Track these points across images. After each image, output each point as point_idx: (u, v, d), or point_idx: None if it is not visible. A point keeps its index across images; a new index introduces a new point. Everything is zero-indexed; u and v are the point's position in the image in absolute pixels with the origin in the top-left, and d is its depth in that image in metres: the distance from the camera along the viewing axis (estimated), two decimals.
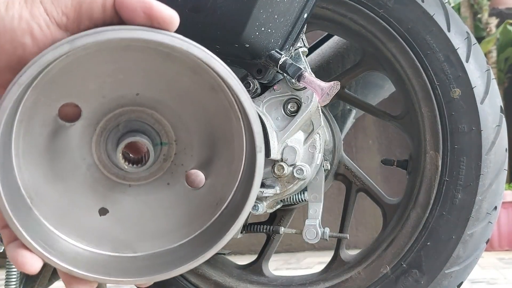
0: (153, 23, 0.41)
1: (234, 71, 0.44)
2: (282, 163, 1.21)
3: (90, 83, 0.46)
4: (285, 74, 1.15)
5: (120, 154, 0.47)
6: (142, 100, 0.48)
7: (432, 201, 1.30)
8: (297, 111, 1.20)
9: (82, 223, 0.49)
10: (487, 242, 1.32)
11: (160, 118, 0.49)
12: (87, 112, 0.48)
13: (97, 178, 0.49)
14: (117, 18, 0.42)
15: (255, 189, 0.47)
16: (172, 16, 0.42)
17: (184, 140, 0.50)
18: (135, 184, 0.50)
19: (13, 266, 1.35)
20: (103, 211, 0.50)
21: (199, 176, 0.51)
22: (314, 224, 1.29)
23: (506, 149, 1.31)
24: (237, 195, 0.52)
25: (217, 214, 0.51)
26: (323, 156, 1.30)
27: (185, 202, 0.51)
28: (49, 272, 1.43)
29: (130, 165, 0.47)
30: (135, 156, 0.50)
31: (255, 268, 1.47)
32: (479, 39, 3.55)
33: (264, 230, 1.42)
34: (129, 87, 0.48)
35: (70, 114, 0.47)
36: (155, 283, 0.48)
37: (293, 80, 1.16)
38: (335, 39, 1.57)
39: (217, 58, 0.44)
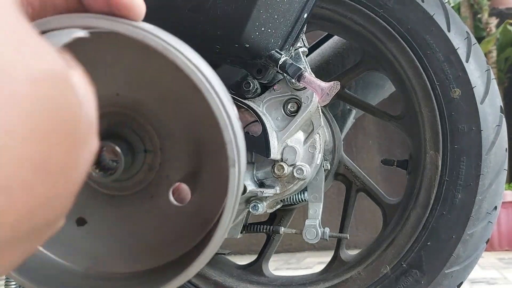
0: (112, 9, 0.38)
1: (234, 71, 0.42)
2: (282, 163, 1.21)
3: None
4: (285, 74, 1.15)
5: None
6: (123, 101, 0.44)
7: (432, 201, 1.30)
8: (297, 111, 1.20)
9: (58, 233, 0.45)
10: (487, 242, 1.32)
11: (144, 122, 0.45)
12: None
13: None
14: (81, 8, 0.39)
15: (227, 214, 0.39)
16: (132, 2, 0.38)
17: (170, 149, 0.46)
18: (119, 195, 0.46)
19: None
20: (80, 221, 0.46)
21: (185, 190, 0.47)
22: (314, 224, 1.29)
23: (506, 149, 1.31)
24: None
25: (202, 236, 0.46)
26: (323, 156, 1.30)
27: (168, 219, 0.47)
28: None
29: (101, 172, 0.43)
30: (110, 163, 0.45)
31: (255, 268, 1.47)
32: (479, 39, 3.55)
33: (264, 230, 1.42)
34: (107, 86, 0.44)
35: None
36: None
37: (293, 80, 1.16)
38: (335, 39, 1.57)
39: (180, 46, 0.39)
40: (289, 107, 1.21)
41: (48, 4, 0.39)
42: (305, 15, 1.13)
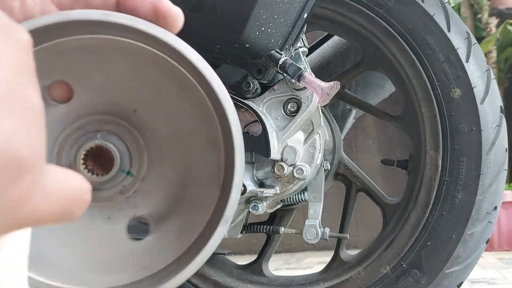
0: (158, 17, 0.39)
1: (234, 71, 0.41)
2: (282, 163, 1.21)
3: (86, 70, 0.42)
4: (285, 74, 1.15)
5: (81, 160, 0.41)
6: (125, 113, 0.43)
7: (432, 201, 1.30)
8: (297, 111, 1.20)
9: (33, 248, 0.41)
10: (487, 242, 1.32)
11: (141, 144, 0.43)
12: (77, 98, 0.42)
13: None
14: (116, 9, 0.39)
15: (198, 260, 0.38)
16: (179, 14, 0.40)
17: (152, 183, 0.43)
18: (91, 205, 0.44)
19: None
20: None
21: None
22: (314, 224, 1.29)
23: (506, 149, 1.31)
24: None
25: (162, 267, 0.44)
26: (323, 156, 1.30)
27: (120, 246, 0.44)
28: None
29: (93, 175, 0.41)
30: (99, 169, 0.43)
31: (255, 268, 1.47)
32: (479, 39, 3.55)
33: (264, 230, 1.42)
34: (118, 94, 0.42)
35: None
36: None
37: (293, 80, 1.16)
38: (335, 39, 1.57)
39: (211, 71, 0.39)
40: (289, 107, 1.21)
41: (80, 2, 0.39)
42: (305, 15, 1.13)
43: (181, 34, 0.42)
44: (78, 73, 0.42)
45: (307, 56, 1.28)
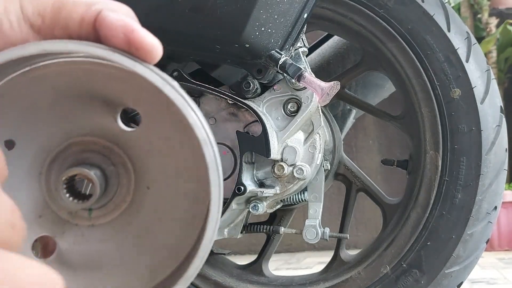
0: (130, 47, 0.37)
1: (234, 71, 0.40)
2: (282, 163, 1.21)
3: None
4: (285, 74, 1.15)
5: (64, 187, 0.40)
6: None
7: (432, 201, 1.30)
8: (297, 111, 1.20)
9: None
10: (487, 242, 1.32)
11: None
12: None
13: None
14: (94, 37, 0.38)
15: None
16: (154, 45, 0.37)
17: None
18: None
19: None
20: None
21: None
22: (314, 224, 1.29)
23: (506, 149, 1.31)
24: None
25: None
26: (323, 156, 1.30)
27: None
28: None
29: (75, 200, 0.41)
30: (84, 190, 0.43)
31: (255, 268, 1.47)
32: (479, 39, 3.55)
33: (264, 230, 1.42)
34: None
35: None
36: None
37: (293, 80, 1.16)
38: (335, 39, 1.57)
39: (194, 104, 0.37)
40: (289, 107, 1.21)
41: (60, 22, 0.38)
42: (305, 15, 1.13)
43: (182, 35, 0.42)
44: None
45: (307, 56, 1.28)
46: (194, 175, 0.41)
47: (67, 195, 0.40)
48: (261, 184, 1.24)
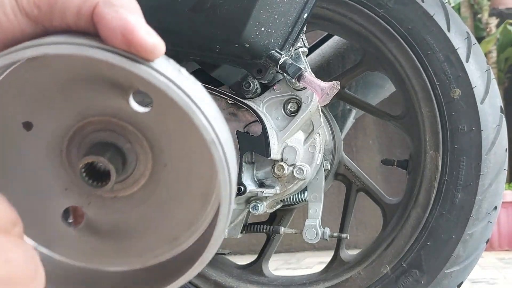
0: (130, 48, 0.36)
1: (234, 71, 0.40)
2: (282, 163, 1.21)
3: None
4: (285, 74, 1.15)
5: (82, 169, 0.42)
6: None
7: (432, 201, 1.30)
8: (297, 111, 1.20)
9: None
10: (487, 242, 1.32)
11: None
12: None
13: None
14: (93, 29, 0.37)
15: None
16: (155, 45, 0.36)
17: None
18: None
19: None
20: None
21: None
22: (314, 224, 1.29)
23: (506, 149, 1.31)
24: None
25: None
26: (323, 156, 1.30)
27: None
28: None
29: (94, 182, 0.42)
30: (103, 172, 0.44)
31: (255, 268, 1.47)
32: (479, 39, 3.55)
33: (264, 230, 1.42)
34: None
35: None
36: None
37: (293, 80, 1.16)
38: (335, 39, 1.57)
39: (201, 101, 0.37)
40: (289, 107, 1.21)
41: (56, 11, 0.37)
42: (305, 15, 1.13)
43: (182, 35, 0.41)
44: None
45: (307, 56, 1.28)
46: (208, 157, 0.41)
47: (87, 178, 0.42)
48: (261, 184, 1.24)
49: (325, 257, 1.99)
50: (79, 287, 0.44)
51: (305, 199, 1.32)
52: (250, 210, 1.25)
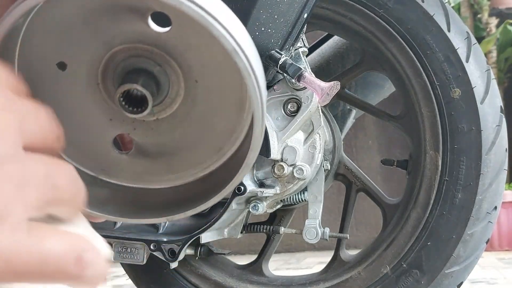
0: None
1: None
2: (282, 163, 1.21)
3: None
4: (285, 74, 1.15)
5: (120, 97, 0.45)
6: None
7: (432, 201, 1.30)
8: (297, 111, 1.20)
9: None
10: (487, 242, 1.32)
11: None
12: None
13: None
14: None
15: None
16: None
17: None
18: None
19: None
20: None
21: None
22: (314, 224, 1.29)
23: (506, 149, 1.31)
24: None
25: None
26: (323, 156, 1.30)
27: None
28: None
29: (130, 108, 0.45)
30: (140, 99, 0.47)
31: (255, 268, 1.47)
32: (479, 39, 3.55)
33: (264, 230, 1.42)
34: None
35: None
36: (154, 283, 0.47)
37: (293, 80, 1.16)
38: (335, 39, 1.57)
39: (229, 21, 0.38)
40: (289, 107, 1.21)
41: None
42: (305, 15, 1.13)
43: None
44: None
45: (307, 56, 1.28)
46: (235, 66, 0.42)
47: (126, 106, 0.45)
48: (261, 184, 1.24)
49: (325, 257, 1.99)
50: (137, 206, 0.48)
51: (305, 199, 1.32)
52: (250, 210, 1.25)
